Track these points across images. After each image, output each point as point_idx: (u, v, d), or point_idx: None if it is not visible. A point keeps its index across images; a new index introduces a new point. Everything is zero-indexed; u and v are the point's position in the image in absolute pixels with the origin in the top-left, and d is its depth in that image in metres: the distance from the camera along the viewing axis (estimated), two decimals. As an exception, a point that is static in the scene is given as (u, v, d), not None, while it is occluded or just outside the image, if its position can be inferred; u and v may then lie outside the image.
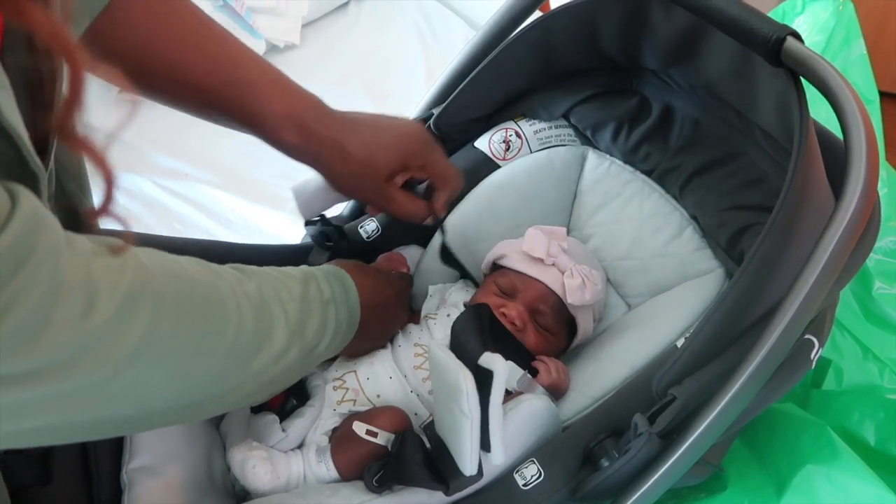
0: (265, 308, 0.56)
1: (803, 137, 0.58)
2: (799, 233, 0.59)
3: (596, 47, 0.86)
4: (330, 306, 0.64)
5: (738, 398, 0.58)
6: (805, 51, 0.59)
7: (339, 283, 0.67)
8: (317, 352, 0.62)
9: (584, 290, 0.81)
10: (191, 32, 0.69)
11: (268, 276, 0.59)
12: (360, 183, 0.76)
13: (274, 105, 0.71)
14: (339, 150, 0.74)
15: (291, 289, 0.60)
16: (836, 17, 1.25)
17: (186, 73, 0.68)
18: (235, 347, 0.52)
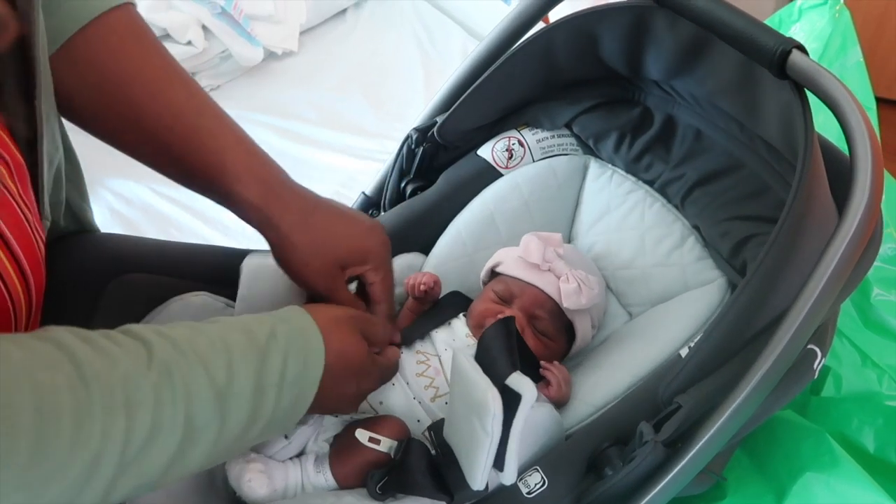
0: (156, 409, 0.46)
1: (808, 150, 0.59)
2: (803, 245, 0.60)
3: (599, 58, 0.86)
4: (268, 391, 0.54)
5: (744, 407, 0.59)
6: (810, 64, 0.59)
7: (299, 358, 0.57)
8: (241, 442, 0.54)
9: (579, 295, 0.81)
10: (154, 77, 0.66)
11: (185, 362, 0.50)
12: (313, 260, 0.69)
13: (237, 157, 0.67)
14: (301, 217, 0.68)
15: (215, 375, 0.51)
16: (833, 24, 1.27)
17: (145, 117, 0.65)
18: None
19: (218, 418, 0.50)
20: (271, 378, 0.54)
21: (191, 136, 0.67)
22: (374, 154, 1.73)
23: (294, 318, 0.60)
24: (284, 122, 1.80)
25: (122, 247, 0.81)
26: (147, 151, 0.69)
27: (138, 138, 0.67)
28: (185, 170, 0.68)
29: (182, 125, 0.67)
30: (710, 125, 0.86)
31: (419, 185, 0.95)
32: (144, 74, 0.66)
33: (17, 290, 0.54)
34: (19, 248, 0.54)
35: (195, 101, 0.68)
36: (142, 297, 0.77)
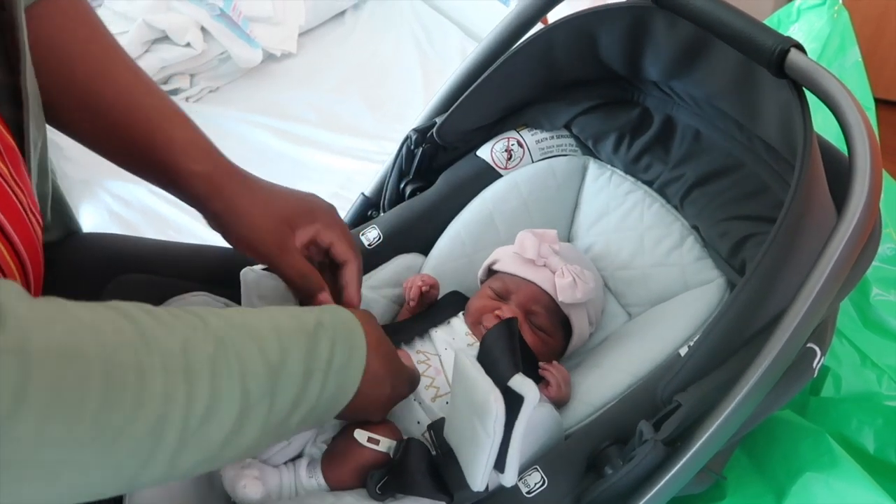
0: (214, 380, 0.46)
1: (807, 150, 0.59)
2: (801, 244, 0.60)
3: (598, 59, 0.86)
4: (316, 375, 0.55)
5: (743, 405, 0.59)
6: (809, 62, 0.60)
7: (345, 347, 0.58)
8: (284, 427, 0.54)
9: (574, 289, 0.81)
10: (101, 56, 0.67)
11: (239, 336, 0.50)
12: (262, 221, 0.68)
13: (185, 133, 0.68)
14: (244, 183, 0.69)
15: (268, 352, 0.51)
16: (832, 24, 1.27)
17: (91, 95, 0.66)
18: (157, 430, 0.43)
19: (269, 396, 0.51)
20: (319, 363, 0.55)
21: (137, 113, 0.67)
22: (373, 155, 1.73)
23: (336, 311, 0.61)
24: (283, 123, 1.80)
25: (121, 247, 0.81)
26: (91, 130, 0.68)
27: (84, 117, 0.67)
28: (131, 148, 0.68)
29: (128, 103, 0.67)
30: (709, 125, 0.86)
31: (418, 185, 0.95)
32: (91, 53, 0.67)
33: (13, 275, 0.54)
34: (14, 233, 0.54)
35: (140, 82, 0.69)
36: (140, 298, 0.75)
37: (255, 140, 1.75)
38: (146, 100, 0.68)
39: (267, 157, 1.71)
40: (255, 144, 1.74)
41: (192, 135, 0.70)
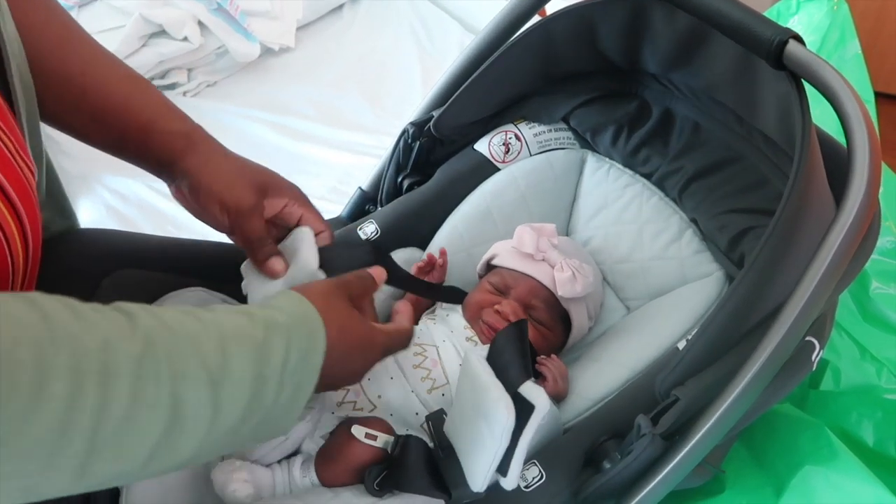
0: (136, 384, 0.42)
1: (805, 142, 0.58)
2: (800, 237, 0.60)
3: (596, 50, 0.86)
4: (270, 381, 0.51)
5: (742, 399, 0.58)
6: (807, 54, 0.59)
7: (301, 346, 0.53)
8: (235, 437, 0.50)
9: (574, 283, 0.81)
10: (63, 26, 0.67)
11: (173, 338, 0.46)
12: (237, 179, 0.68)
13: (158, 98, 0.69)
14: (222, 149, 0.70)
15: (207, 357, 0.47)
16: (831, 17, 1.26)
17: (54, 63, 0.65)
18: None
19: (211, 405, 0.47)
20: (273, 368, 0.51)
21: (107, 79, 0.67)
22: (372, 150, 1.72)
23: (292, 305, 0.57)
24: (281, 118, 1.79)
25: (117, 242, 0.81)
26: (58, 101, 0.67)
27: (44, 88, 0.65)
28: (101, 116, 0.67)
29: (96, 71, 0.67)
30: (708, 118, 0.85)
31: (416, 179, 0.95)
32: (50, 22, 0.66)
33: (12, 233, 0.53)
34: (11, 188, 0.53)
35: (103, 50, 0.69)
36: (136, 293, 0.76)
37: (253, 134, 1.75)
38: (115, 69, 0.68)
39: (265, 151, 1.70)
40: (253, 139, 1.74)
41: (167, 101, 0.70)
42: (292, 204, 0.71)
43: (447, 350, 0.79)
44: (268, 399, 0.51)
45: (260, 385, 0.50)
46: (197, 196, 0.68)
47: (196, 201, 0.68)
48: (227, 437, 0.49)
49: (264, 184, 0.70)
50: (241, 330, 0.50)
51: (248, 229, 0.68)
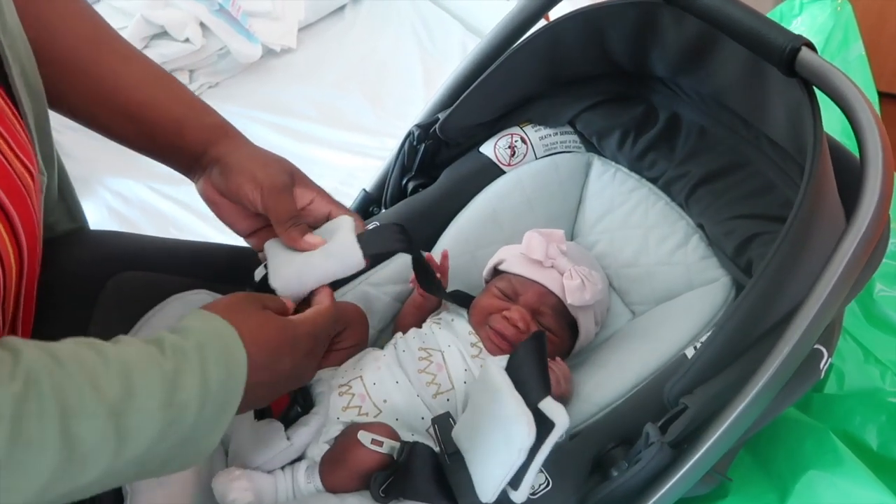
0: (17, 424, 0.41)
1: (817, 150, 0.58)
2: (810, 246, 0.59)
3: (603, 54, 0.86)
4: (188, 405, 0.49)
5: (751, 408, 0.58)
6: (820, 62, 0.59)
7: (220, 367, 0.51)
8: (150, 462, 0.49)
9: (583, 291, 0.81)
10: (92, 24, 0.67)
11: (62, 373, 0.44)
12: (272, 163, 0.68)
13: (191, 94, 0.71)
14: (247, 139, 0.71)
15: (104, 389, 0.45)
16: (835, 18, 1.26)
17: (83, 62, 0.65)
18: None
19: (114, 437, 0.45)
20: (188, 391, 0.49)
21: (139, 77, 0.68)
22: (374, 151, 1.72)
23: (201, 323, 0.54)
24: (283, 119, 1.79)
25: (121, 244, 0.80)
26: (92, 101, 0.67)
27: (76, 88, 0.66)
28: (135, 113, 0.67)
29: (128, 69, 0.67)
30: (715, 122, 0.85)
31: (421, 182, 0.94)
32: (81, 22, 0.66)
33: (2, 240, 0.51)
34: (4, 194, 0.52)
35: (133, 49, 0.70)
36: (140, 295, 0.76)
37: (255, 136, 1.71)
38: (148, 65, 0.69)
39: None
40: (255, 140, 1.70)
41: (197, 97, 0.72)
42: (320, 199, 0.71)
43: (452, 355, 0.79)
44: (186, 422, 0.49)
45: (175, 411, 0.48)
46: (228, 176, 0.67)
47: (228, 182, 0.67)
48: (141, 462, 0.48)
49: (294, 173, 0.70)
50: (148, 358, 0.48)
51: (283, 206, 0.67)
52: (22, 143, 0.56)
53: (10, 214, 0.53)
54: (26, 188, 0.55)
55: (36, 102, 0.61)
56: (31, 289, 0.60)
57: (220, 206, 0.70)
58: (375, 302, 0.88)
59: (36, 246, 0.58)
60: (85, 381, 0.44)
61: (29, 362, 0.43)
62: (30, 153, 0.57)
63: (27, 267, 0.57)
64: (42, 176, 0.60)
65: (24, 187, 0.55)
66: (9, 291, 0.54)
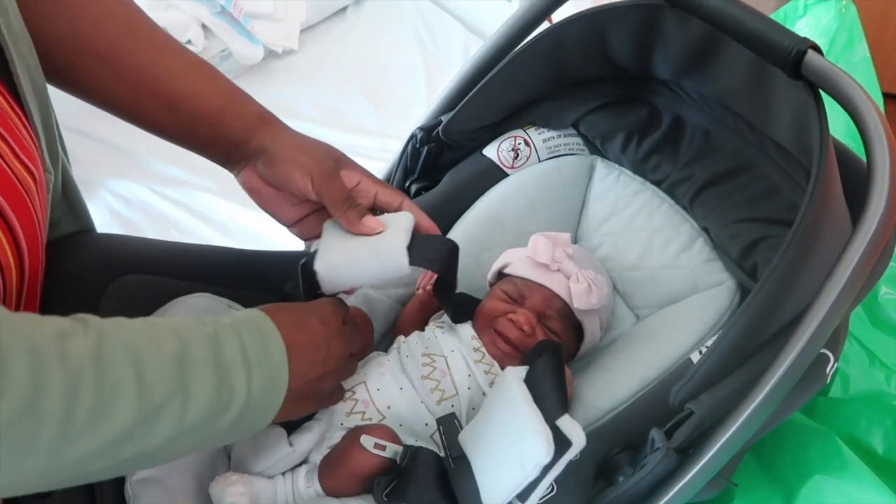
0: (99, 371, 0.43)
1: (823, 154, 0.58)
2: (817, 250, 0.59)
3: (607, 57, 0.85)
4: (233, 369, 0.50)
5: (757, 413, 0.58)
6: (826, 64, 0.58)
7: (254, 335, 0.53)
8: (213, 426, 0.50)
9: (590, 295, 0.81)
10: (129, 15, 0.67)
11: (127, 330, 0.46)
12: (317, 147, 0.69)
13: (233, 86, 0.71)
14: (287, 126, 0.71)
15: (162, 345, 0.47)
16: (839, 19, 1.26)
17: (126, 54, 0.65)
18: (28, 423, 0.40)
19: (181, 388, 0.47)
20: (231, 355, 0.51)
21: (178, 66, 0.67)
22: (376, 153, 1.72)
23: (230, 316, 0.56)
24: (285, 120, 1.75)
25: (123, 247, 0.80)
26: (133, 93, 0.67)
27: (117, 79, 0.66)
28: (176, 103, 0.67)
29: (167, 59, 0.67)
30: (719, 125, 0.85)
31: (424, 184, 0.94)
32: (120, 12, 0.66)
33: (2, 247, 0.51)
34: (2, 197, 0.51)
35: (172, 40, 0.70)
36: (142, 299, 0.76)
37: (256, 137, 1.74)
38: (186, 56, 0.69)
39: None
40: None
41: (236, 85, 0.71)
42: (366, 180, 0.71)
43: (456, 360, 0.78)
44: (240, 389, 0.50)
45: (224, 371, 0.50)
46: (275, 165, 0.67)
47: (275, 171, 0.67)
48: (206, 429, 0.49)
49: (338, 156, 0.70)
50: (191, 324, 0.51)
51: (336, 189, 0.67)
52: (24, 143, 0.56)
53: (10, 218, 0.52)
54: (27, 191, 0.55)
55: (39, 100, 0.61)
56: (33, 291, 0.59)
57: (265, 195, 0.70)
58: (378, 305, 0.88)
59: (38, 250, 0.58)
60: (147, 337, 0.47)
61: (97, 323, 0.45)
62: (33, 154, 0.56)
63: (28, 271, 0.56)
64: (49, 174, 0.60)
65: (24, 190, 0.54)
66: (9, 296, 0.54)
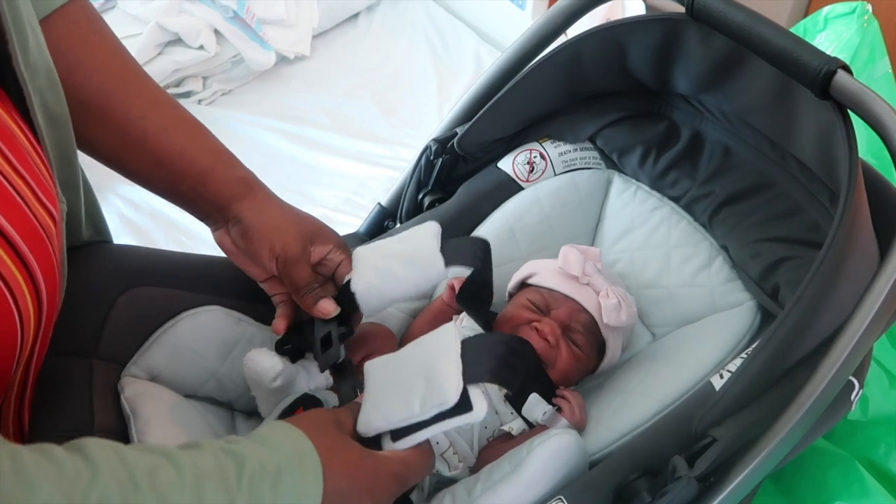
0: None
1: (853, 177, 0.56)
2: (845, 276, 0.57)
3: (625, 70, 0.84)
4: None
5: (783, 443, 0.56)
6: (857, 85, 0.57)
7: (293, 482, 0.50)
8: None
9: (619, 311, 0.80)
10: (123, 67, 0.68)
11: (137, 495, 0.43)
12: (291, 227, 0.71)
13: (217, 144, 0.71)
14: (275, 198, 0.73)
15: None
16: (861, 34, 1.23)
17: (116, 105, 0.66)
18: None
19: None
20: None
21: (168, 122, 0.68)
22: (386, 161, 1.71)
23: (280, 432, 0.53)
24: (296, 127, 1.78)
25: (134, 259, 0.79)
26: (120, 144, 0.68)
27: (105, 130, 0.67)
28: (162, 159, 0.68)
29: (157, 114, 0.68)
30: (740, 142, 0.83)
31: (437, 197, 0.93)
32: (114, 64, 0.67)
33: (17, 283, 0.50)
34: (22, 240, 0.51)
35: (164, 94, 0.71)
36: (153, 312, 0.75)
37: (266, 143, 1.74)
38: (177, 111, 0.70)
39: (279, 161, 1.69)
40: (267, 148, 1.73)
41: (223, 146, 0.72)
42: (335, 251, 0.73)
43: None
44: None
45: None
46: (249, 240, 0.70)
47: (247, 245, 0.71)
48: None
49: (313, 233, 0.72)
50: (223, 482, 0.47)
51: (296, 276, 0.70)
52: (44, 184, 0.56)
53: (31, 264, 0.52)
54: (48, 235, 0.55)
55: (59, 131, 0.61)
56: (47, 333, 0.59)
57: (236, 256, 0.74)
58: (390, 319, 0.87)
59: (56, 294, 0.58)
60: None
61: (104, 486, 0.41)
62: (51, 192, 0.56)
63: (46, 314, 0.56)
64: (62, 203, 0.60)
65: (45, 234, 0.54)
66: (26, 340, 0.53)
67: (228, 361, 0.78)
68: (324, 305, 0.70)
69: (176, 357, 0.75)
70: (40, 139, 0.57)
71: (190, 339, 0.76)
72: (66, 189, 0.62)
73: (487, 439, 0.76)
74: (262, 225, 0.70)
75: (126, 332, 0.74)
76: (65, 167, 0.64)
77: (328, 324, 0.71)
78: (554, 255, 0.89)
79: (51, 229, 0.55)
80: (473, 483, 0.69)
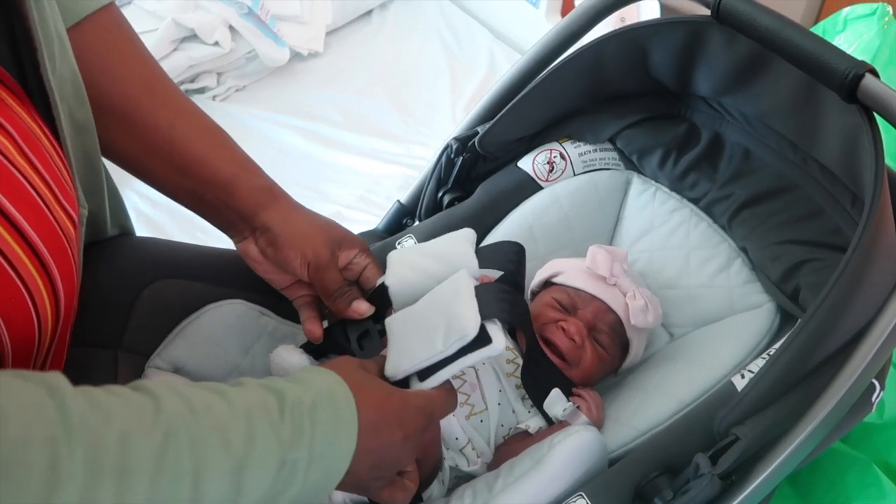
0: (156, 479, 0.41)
1: (879, 181, 0.57)
2: (869, 279, 0.58)
3: (647, 72, 0.85)
4: (297, 467, 0.49)
5: (806, 443, 0.57)
6: (885, 89, 0.57)
7: (328, 427, 0.51)
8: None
9: (646, 313, 0.80)
10: (152, 75, 0.68)
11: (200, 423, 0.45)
12: (318, 232, 0.72)
13: (243, 153, 0.72)
14: (299, 205, 0.74)
15: (233, 444, 0.45)
16: (882, 35, 1.23)
17: (142, 112, 0.67)
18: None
19: (233, 492, 0.45)
20: (299, 452, 0.49)
21: (193, 131, 0.69)
22: (400, 158, 1.71)
23: (318, 376, 0.55)
24: (309, 123, 1.79)
25: (159, 252, 0.80)
26: (147, 153, 0.68)
27: (131, 137, 0.67)
28: (188, 168, 0.69)
29: (184, 123, 0.68)
30: (760, 144, 0.84)
31: (457, 195, 0.94)
32: (143, 72, 0.68)
33: (37, 286, 0.51)
34: (43, 244, 0.51)
35: (190, 102, 0.71)
36: (176, 304, 0.76)
37: (280, 140, 1.74)
38: (203, 120, 0.71)
39: (293, 157, 1.70)
40: (281, 145, 1.73)
41: (246, 154, 0.73)
42: (360, 255, 0.75)
43: (487, 374, 0.77)
44: (294, 484, 0.49)
45: (285, 471, 0.48)
46: (279, 249, 0.71)
47: (277, 254, 0.71)
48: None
49: (339, 238, 0.73)
50: (267, 412, 0.49)
51: (328, 280, 0.71)
52: (67, 189, 0.56)
53: (50, 268, 0.53)
54: (68, 240, 0.55)
55: (83, 138, 0.62)
56: (63, 335, 0.59)
57: (261, 265, 0.74)
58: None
59: (73, 297, 0.58)
60: (216, 432, 0.45)
61: (169, 413, 0.43)
62: (72, 197, 0.57)
63: (63, 317, 0.56)
64: (83, 208, 0.60)
65: (66, 239, 0.55)
66: (43, 344, 0.54)
67: (250, 355, 0.78)
68: (357, 306, 0.71)
69: (199, 349, 0.76)
70: (64, 145, 0.58)
71: (213, 332, 0.76)
72: (89, 194, 0.63)
73: (504, 437, 0.76)
74: (290, 233, 0.71)
75: (150, 324, 0.75)
76: (89, 173, 0.65)
77: (363, 323, 0.73)
78: (572, 254, 0.90)
79: (71, 233, 0.56)
80: (494, 479, 0.69)
